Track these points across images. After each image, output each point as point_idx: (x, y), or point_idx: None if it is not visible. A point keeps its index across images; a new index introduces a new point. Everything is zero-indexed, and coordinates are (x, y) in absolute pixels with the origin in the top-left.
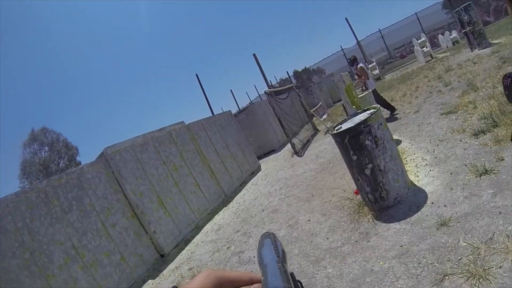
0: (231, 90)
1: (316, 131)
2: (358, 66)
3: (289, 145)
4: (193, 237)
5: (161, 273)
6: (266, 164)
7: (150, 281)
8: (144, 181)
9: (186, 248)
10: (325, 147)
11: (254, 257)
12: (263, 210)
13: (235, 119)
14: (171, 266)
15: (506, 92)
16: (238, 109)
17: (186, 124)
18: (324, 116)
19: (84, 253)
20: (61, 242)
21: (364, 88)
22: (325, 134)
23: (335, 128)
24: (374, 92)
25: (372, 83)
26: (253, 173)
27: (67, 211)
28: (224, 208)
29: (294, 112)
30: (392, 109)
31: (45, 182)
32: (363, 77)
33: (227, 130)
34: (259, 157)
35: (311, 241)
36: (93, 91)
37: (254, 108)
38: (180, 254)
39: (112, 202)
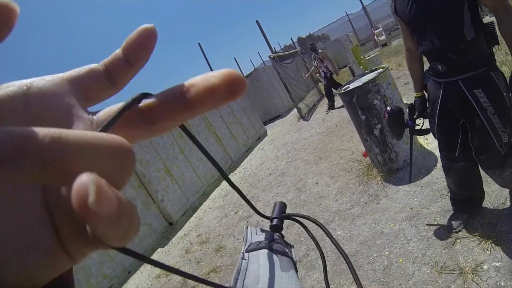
0: (234, 58)
1: (322, 96)
2: (319, 51)
3: (295, 110)
4: (200, 204)
5: (170, 241)
6: (273, 129)
7: (159, 249)
8: (150, 150)
9: (194, 215)
10: (331, 111)
11: (262, 220)
12: (270, 174)
13: None
14: (180, 233)
15: (389, 130)
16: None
17: None
18: None
19: None
20: None
21: (320, 76)
22: None
23: (343, 88)
24: (331, 78)
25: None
26: (260, 139)
27: None
28: (231, 173)
29: (300, 77)
30: (331, 104)
31: None
32: (324, 62)
33: None
34: (265, 123)
35: (320, 204)
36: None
37: (258, 74)
38: (188, 222)
39: None
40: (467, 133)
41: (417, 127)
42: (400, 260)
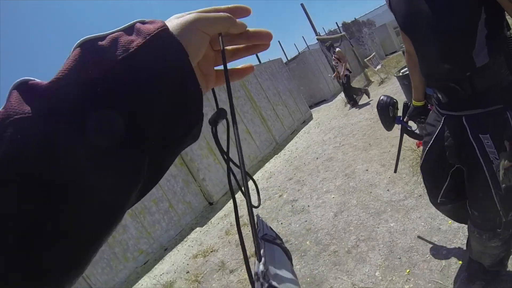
0: (279, 41)
1: (369, 82)
2: (336, 50)
3: (341, 95)
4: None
5: (209, 221)
6: (318, 113)
7: (198, 228)
8: None
9: (236, 196)
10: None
11: (308, 206)
12: (317, 158)
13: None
14: (220, 214)
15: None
16: (286, 59)
17: None
18: (378, 67)
19: None
20: None
21: (339, 79)
22: (379, 84)
23: (401, 71)
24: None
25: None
26: (305, 122)
27: None
28: (275, 155)
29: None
30: (354, 102)
31: None
32: (341, 61)
33: (278, 78)
34: (310, 107)
35: (370, 192)
36: None
37: (305, 57)
38: (229, 202)
39: None
40: (457, 179)
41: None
42: (460, 262)
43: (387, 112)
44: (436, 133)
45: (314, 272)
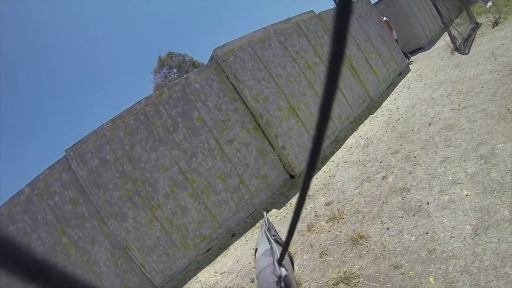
0: None
1: (476, 24)
2: (384, 19)
3: (442, 41)
4: (332, 153)
5: (289, 202)
6: (415, 63)
7: (274, 210)
8: (269, 84)
9: (323, 168)
10: (501, 43)
11: (428, 203)
12: (429, 124)
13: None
14: None
15: None
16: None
17: (317, 13)
18: (489, 3)
19: (193, 177)
20: (166, 167)
21: None
22: (493, 27)
23: None
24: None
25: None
26: (401, 74)
27: (171, 130)
28: (371, 116)
29: None
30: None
31: (143, 101)
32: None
33: (367, 21)
34: (404, 55)
35: None
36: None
37: None
38: (314, 177)
39: (228, 113)
40: None
41: None
42: None
43: None
44: None
45: None
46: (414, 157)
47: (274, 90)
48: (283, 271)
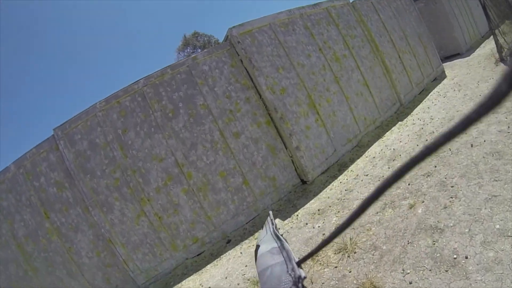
0: None
1: None
2: None
3: (486, 49)
4: (352, 160)
5: (295, 214)
6: (452, 70)
7: (277, 220)
8: (289, 73)
9: (340, 177)
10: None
11: (466, 257)
12: (471, 145)
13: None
14: (313, 205)
15: None
16: None
17: (351, 1)
18: None
19: (190, 172)
20: (160, 157)
21: None
22: None
23: None
24: None
25: None
26: (436, 80)
27: (171, 116)
28: (400, 123)
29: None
30: None
31: (142, 80)
32: None
33: (405, 17)
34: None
35: None
36: None
37: None
38: (329, 187)
39: (238, 102)
40: None
41: None
42: None
43: None
44: None
45: None
46: (452, 186)
47: (294, 81)
48: (302, 273)
